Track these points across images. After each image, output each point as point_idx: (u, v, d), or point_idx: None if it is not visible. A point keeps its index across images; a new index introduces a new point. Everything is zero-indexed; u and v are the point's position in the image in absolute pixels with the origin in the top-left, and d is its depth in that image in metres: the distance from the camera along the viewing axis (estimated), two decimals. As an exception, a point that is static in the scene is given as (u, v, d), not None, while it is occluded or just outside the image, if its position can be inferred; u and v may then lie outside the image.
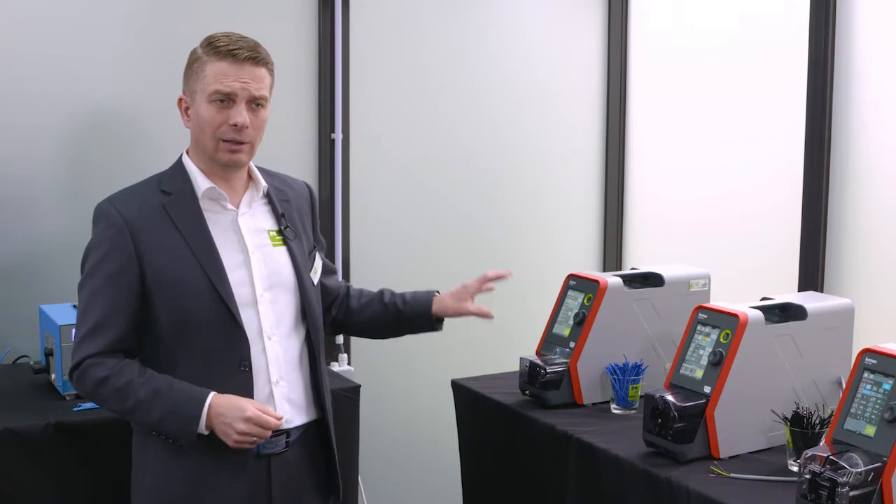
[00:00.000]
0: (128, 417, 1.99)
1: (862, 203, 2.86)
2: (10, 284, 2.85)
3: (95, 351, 1.92)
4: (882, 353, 1.87)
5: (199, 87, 1.96)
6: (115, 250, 1.94)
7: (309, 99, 3.28)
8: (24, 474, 2.21)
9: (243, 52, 1.95)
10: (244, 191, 2.07)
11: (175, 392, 1.90)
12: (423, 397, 3.51)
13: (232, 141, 1.97)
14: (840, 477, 1.73)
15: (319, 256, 2.18)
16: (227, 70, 1.94)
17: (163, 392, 1.90)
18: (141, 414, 1.92)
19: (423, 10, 3.47)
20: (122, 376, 1.91)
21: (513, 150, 3.68)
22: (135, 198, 2.00)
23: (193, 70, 1.99)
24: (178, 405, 1.90)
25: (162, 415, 1.90)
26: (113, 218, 1.95)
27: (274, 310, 2.02)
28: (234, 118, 1.94)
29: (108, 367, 1.91)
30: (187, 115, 2.01)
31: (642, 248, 3.80)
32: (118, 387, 1.91)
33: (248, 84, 1.96)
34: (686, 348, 2.22)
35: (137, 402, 1.90)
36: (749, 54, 3.26)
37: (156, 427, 1.94)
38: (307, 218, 2.18)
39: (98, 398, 1.96)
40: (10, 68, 2.82)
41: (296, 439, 2.05)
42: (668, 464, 2.09)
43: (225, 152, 1.98)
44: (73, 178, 2.91)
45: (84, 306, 1.96)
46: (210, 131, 1.96)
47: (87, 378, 1.92)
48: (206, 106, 1.95)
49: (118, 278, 1.93)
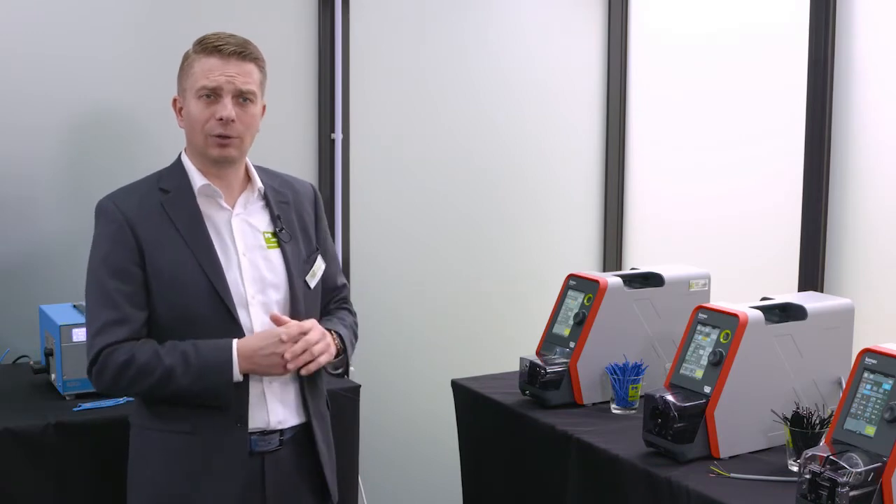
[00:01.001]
0: (158, 392, 1.93)
1: (862, 203, 2.86)
2: (10, 284, 2.85)
3: (111, 341, 1.92)
4: (882, 353, 1.87)
5: (188, 85, 1.99)
6: (118, 245, 1.95)
7: (309, 99, 3.28)
8: (24, 474, 2.21)
9: (229, 48, 1.97)
10: (241, 190, 2.07)
11: (201, 350, 1.91)
12: (423, 397, 3.51)
13: (220, 136, 1.97)
14: (840, 477, 1.73)
15: (321, 259, 2.16)
16: (213, 65, 1.96)
17: (189, 354, 1.90)
18: (173, 382, 1.90)
19: (423, 10, 3.47)
20: (144, 353, 1.91)
21: (513, 150, 3.68)
22: (134, 195, 2.01)
23: (184, 69, 2.02)
24: (207, 361, 1.90)
25: (195, 374, 1.89)
26: (113, 214, 1.97)
27: (265, 311, 2.01)
28: (220, 112, 1.96)
29: (127, 349, 1.91)
30: (181, 114, 2.03)
31: (642, 248, 3.80)
32: (142, 363, 1.90)
33: (234, 78, 1.96)
34: (686, 348, 2.22)
35: (166, 370, 1.89)
36: (749, 54, 3.26)
37: (191, 389, 1.91)
38: (310, 220, 2.17)
39: (123, 383, 1.93)
40: (10, 68, 2.82)
41: (289, 439, 2.05)
42: (668, 464, 2.09)
43: (214, 147, 1.98)
44: (73, 178, 2.91)
45: (94, 301, 1.96)
46: (199, 127, 1.98)
47: (108, 366, 1.91)
48: (194, 102, 1.97)
49: (126, 272, 1.94)
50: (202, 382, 1.90)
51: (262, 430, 2.01)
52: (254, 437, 1.99)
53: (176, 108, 2.04)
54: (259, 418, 2.00)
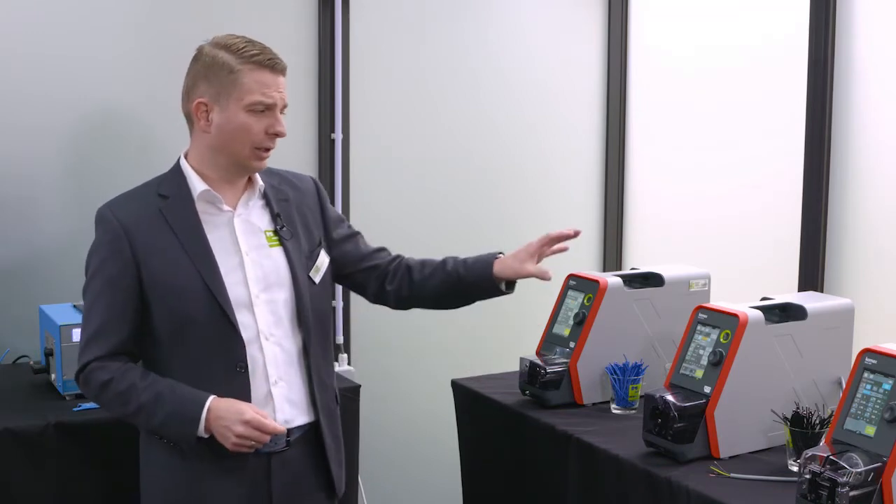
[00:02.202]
0: (131, 421, 2.00)
1: (862, 203, 2.86)
2: (10, 284, 2.85)
3: (98, 354, 1.95)
4: (882, 353, 1.87)
5: (234, 95, 1.96)
6: (113, 255, 1.96)
7: (309, 99, 3.28)
8: (24, 474, 2.21)
9: (280, 64, 2.00)
10: (243, 191, 2.07)
11: (176, 396, 1.93)
12: (423, 397, 3.51)
13: (265, 148, 2.01)
14: (840, 477, 1.73)
15: (325, 254, 2.16)
16: (267, 80, 1.97)
17: (164, 396, 1.92)
18: (143, 418, 1.95)
19: (423, 10, 3.47)
20: (125, 380, 1.94)
21: (513, 150, 3.68)
22: (133, 202, 2.02)
23: (223, 77, 1.96)
24: (178, 409, 1.92)
25: (163, 419, 1.92)
26: (110, 223, 1.98)
27: (271, 310, 2.02)
28: (276, 127, 1.99)
29: (111, 370, 1.94)
30: (208, 120, 1.99)
31: (642, 248, 3.80)
32: (121, 391, 1.93)
33: (283, 94, 2.01)
34: (686, 348, 2.22)
35: (140, 406, 1.93)
36: (749, 54, 3.26)
37: (157, 430, 1.97)
38: (314, 214, 2.17)
39: (102, 402, 2.01)
40: (10, 68, 2.82)
41: (297, 438, 2.05)
42: (668, 464, 2.09)
43: (257, 159, 2.01)
44: (73, 178, 2.91)
45: (87, 310, 1.99)
46: (247, 139, 1.98)
47: (91, 382, 1.96)
48: (244, 115, 1.97)
49: (118, 282, 1.96)
50: (168, 428, 1.95)
51: None
52: None
53: (199, 112, 1.99)
54: None
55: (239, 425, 1.89)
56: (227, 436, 1.90)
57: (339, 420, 2.18)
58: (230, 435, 1.90)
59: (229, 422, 1.89)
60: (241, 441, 1.90)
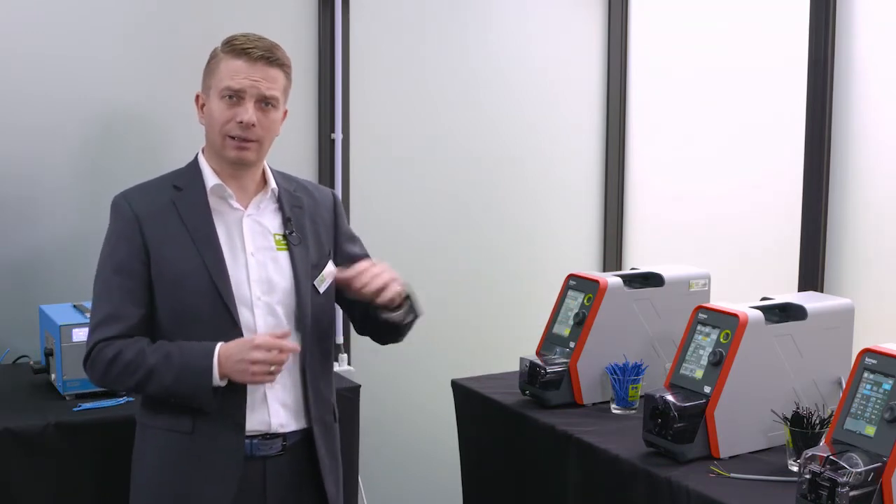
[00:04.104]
0: (143, 390, 1.96)
1: (862, 203, 2.86)
2: (10, 284, 2.85)
3: (105, 336, 1.94)
4: (882, 353, 1.87)
5: (213, 84, 2.00)
6: (124, 241, 1.98)
7: (309, 99, 3.28)
8: (24, 474, 2.21)
9: (257, 52, 1.97)
10: (256, 192, 2.07)
11: (185, 351, 1.92)
12: (423, 397, 3.51)
13: (238, 138, 1.98)
14: (840, 477, 1.73)
15: (332, 265, 2.13)
16: (239, 68, 1.96)
17: (173, 354, 1.91)
18: (155, 380, 1.92)
19: (423, 9, 3.47)
20: (132, 349, 1.93)
21: (513, 149, 3.68)
22: (147, 192, 2.04)
23: (210, 67, 2.02)
24: (189, 361, 1.90)
25: (175, 375, 1.90)
26: (123, 210, 2.00)
27: (271, 313, 2.01)
28: (241, 115, 1.96)
29: (118, 345, 1.94)
30: (202, 111, 2.04)
31: (642, 248, 3.80)
32: (129, 360, 1.92)
33: (259, 83, 1.97)
34: (686, 348, 2.22)
35: (150, 369, 1.91)
36: (749, 54, 3.26)
37: (171, 390, 1.93)
38: (327, 227, 2.15)
39: (111, 377, 1.96)
40: (10, 68, 2.82)
41: (293, 444, 2.04)
42: (668, 464, 2.09)
43: (231, 149, 1.99)
44: (74, 179, 2.91)
45: (97, 296, 2.00)
46: (218, 127, 1.99)
47: (98, 360, 1.94)
48: (216, 102, 1.98)
49: (128, 268, 1.96)
50: (182, 384, 1.91)
51: (264, 434, 2.00)
52: (255, 440, 1.98)
53: (198, 105, 2.05)
54: (260, 420, 1.99)
55: (251, 352, 1.87)
56: (244, 368, 1.88)
57: (338, 438, 2.15)
58: (246, 366, 1.87)
59: (241, 354, 1.88)
60: (260, 368, 1.88)
